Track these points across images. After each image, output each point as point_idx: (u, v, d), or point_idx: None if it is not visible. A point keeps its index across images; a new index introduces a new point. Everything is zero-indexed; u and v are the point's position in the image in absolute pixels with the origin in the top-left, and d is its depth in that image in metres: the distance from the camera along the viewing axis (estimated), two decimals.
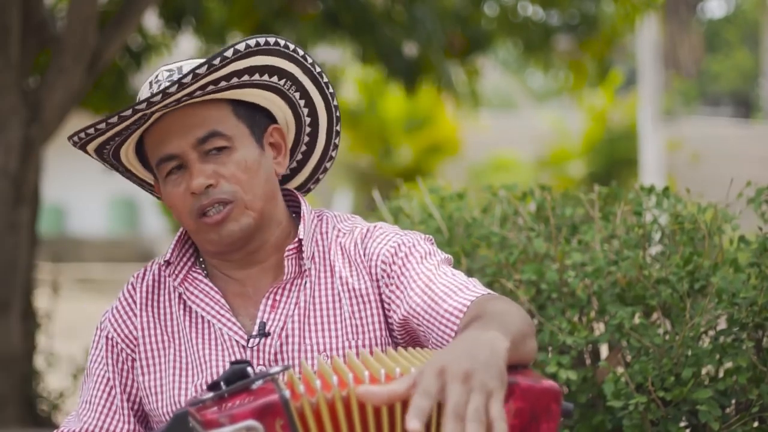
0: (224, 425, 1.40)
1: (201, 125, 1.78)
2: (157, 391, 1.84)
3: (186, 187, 1.79)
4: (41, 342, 5.25)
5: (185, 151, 1.78)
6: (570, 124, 19.76)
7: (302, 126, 1.94)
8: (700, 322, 2.25)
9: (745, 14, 34.79)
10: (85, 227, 18.87)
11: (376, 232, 1.85)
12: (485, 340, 1.42)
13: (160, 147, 1.80)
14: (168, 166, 1.80)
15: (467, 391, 1.34)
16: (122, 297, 1.92)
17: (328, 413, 1.42)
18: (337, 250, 1.85)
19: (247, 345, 1.80)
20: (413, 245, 1.82)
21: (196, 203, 1.78)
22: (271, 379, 1.49)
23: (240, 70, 1.78)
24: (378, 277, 1.81)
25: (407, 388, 1.36)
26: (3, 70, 4.71)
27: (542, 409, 1.42)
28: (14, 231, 4.81)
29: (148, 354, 1.86)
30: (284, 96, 1.88)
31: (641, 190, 2.52)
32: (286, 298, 1.82)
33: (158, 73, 1.83)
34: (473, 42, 7.44)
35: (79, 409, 1.90)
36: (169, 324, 1.86)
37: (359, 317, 1.81)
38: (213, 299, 1.84)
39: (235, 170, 1.78)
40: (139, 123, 1.78)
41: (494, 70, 24.79)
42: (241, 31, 7.31)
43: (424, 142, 17.84)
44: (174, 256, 1.88)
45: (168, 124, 1.79)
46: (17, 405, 4.87)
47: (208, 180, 1.76)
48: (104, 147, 1.85)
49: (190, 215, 1.79)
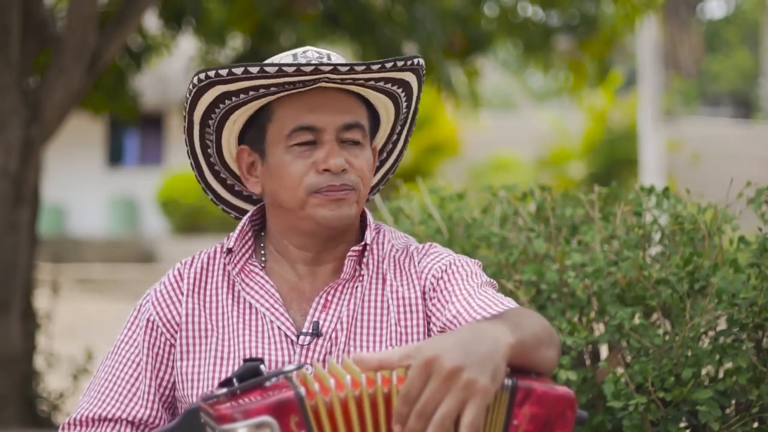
0: (238, 420, 1.39)
1: (351, 112, 1.83)
2: (193, 378, 1.83)
3: (315, 162, 1.80)
4: (41, 342, 5.25)
5: (329, 129, 1.81)
6: (570, 125, 19.78)
7: (391, 136, 2.01)
8: (700, 322, 2.25)
9: (745, 14, 34.81)
10: (85, 227, 18.87)
11: (431, 250, 1.91)
12: (488, 334, 1.42)
13: (305, 116, 1.81)
14: (301, 136, 1.81)
15: (445, 391, 1.35)
16: (168, 282, 1.91)
17: (341, 412, 1.42)
18: (391, 262, 1.89)
19: (296, 341, 1.81)
20: (462, 265, 1.86)
21: (323, 181, 1.80)
22: (285, 377, 1.49)
23: (392, 78, 1.86)
24: (426, 289, 1.85)
25: (400, 359, 1.39)
26: (3, 70, 4.72)
27: (557, 416, 1.43)
28: (14, 231, 4.82)
29: (189, 340, 1.85)
30: (397, 111, 1.95)
31: (641, 191, 2.52)
32: (338, 299, 1.85)
33: (306, 50, 1.86)
34: (473, 42, 7.45)
35: (98, 387, 1.87)
36: (215, 312, 1.86)
37: (404, 325, 1.83)
38: (268, 292, 1.85)
39: (363, 165, 1.84)
40: (297, 86, 1.80)
41: (494, 70, 24.82)
42: (241, 32, 7.31)
43: (424, 142, 17.86)
44: (236, 246, 1.89)
45: (321, 99, 1.81)
46: (17, 405, 4.87)
47: (344, 164, 1.81)
48: (225, 100, 1.83)
49: (308, 188, 1.80)
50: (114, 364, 1.89)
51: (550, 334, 1.59)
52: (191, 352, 1.84)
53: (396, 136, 2.00)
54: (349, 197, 1.81)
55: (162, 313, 1.88)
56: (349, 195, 1.81)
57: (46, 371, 5.28)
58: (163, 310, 1.88)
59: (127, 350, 1.89)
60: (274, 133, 1.83)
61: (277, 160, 1.83)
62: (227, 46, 7.35)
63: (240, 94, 1.81)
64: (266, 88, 1.79)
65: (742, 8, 35.37)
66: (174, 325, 1.87)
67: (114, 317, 9.23)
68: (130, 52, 6.61)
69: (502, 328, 1.45)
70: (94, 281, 14.41)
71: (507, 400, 1.43)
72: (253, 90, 1.80)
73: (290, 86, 1.79)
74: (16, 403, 4.86)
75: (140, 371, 1.86)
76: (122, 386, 1.86)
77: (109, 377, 1.88)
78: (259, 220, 1.95)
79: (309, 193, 1.80)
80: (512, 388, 1.43)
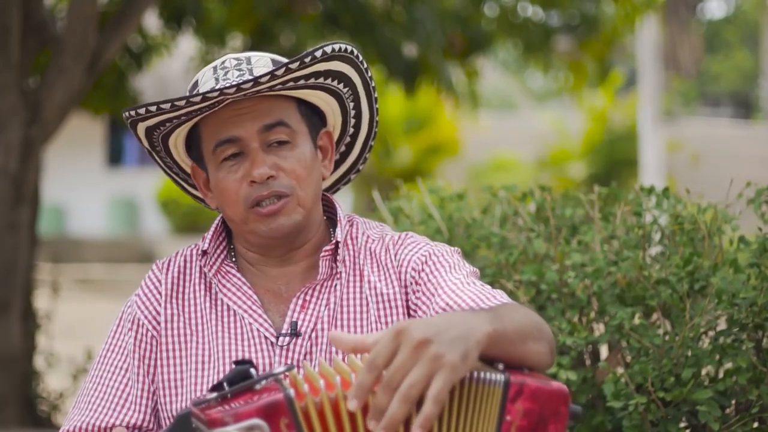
0: (229, 424, 1.39)
1: (269, 114, 1.80)
2: (176, 384, 1.82)
3: (244, 175, 1.79)
4: (41, 342, 5.25)
5: (249, 137, 1.78)
6: (570, 125, 19.77)
7: (344, 134, 1.97)
8: (699, 322, 2.25)
9: (745, 15, 34.81)
10: (85, 227, 18.87)
11: (408, 240, 1.88)
12: (464, 320, 1.42)
13: (223, 130, 1.79)
14: (226, 151, 1.79)
15: (413, 360, 1.35)
16: (147, 284, 1.89)
17: (331, 413, 1.42)
18: (367, 255, 1.86)
19: (276, 342, 1.80)
20: (443, 255, 1.84)
21: (253, 192, 1.78)
22: (274, 379, 1.49)
23: (316, 72, 1.81)
24: (407, 283, 1.83)
25: (374, 341, 1.39)
26: (3, 70, 4.72)
27: (551, 412, 1.43)
28: (14, 231, 4.82)
29: (168, 346, 1.84)
30: (341, 103, 1.91)
31: (641, 191, 2.52)
32: (317, 299, 1.83)
33: (225, 60, 1.84)
34: (473, 42, 7.44)
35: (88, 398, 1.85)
36: (193, 316, 1.85)
37: (385, 321, 1.82)
38: (245, 294, 1.84)
39: (295, 165, 1.80)
40: (203, 110, 1.79)
41: (494, 70, 24.81)
42: (241, 32, 7.31)
43: (423, 142, 17.85)
44: (211, 247, 1.88)
45: (234, 109, 1.79)
46: (17, 405, 4.87)
47: (270, 171, 1.78)
48: (156, 129, 1.84)
49: (244, 203, 1.79)
50: (101, 374, 1.86)
51: (539, 329, 1.57)
52: (171, 358, 1.84)
53: (354, 119, 1.95)
54: (284, 207, 1.78)
55: (147, 312, 1.87)
56: (282, 202, 1.78)
57: (46, 371, 5.27)
58: (147, 308, 1.87)
59: (113, 358, 1.87)
60: (206, 152, 1.84)
61: (214, 177, 1.83)
62: (227, 46, 7.34)
63: (164, 124, 1.81)
64: (178, 119, 1.80)
65: (742, 8, 35.37)
66: (157, 324, 1.86)
67: (114, 317, 9.20)
68: (130, 52, 6.61)
69: (481, 316, 1.45)
70: (94, 281, 14.41)
71: (500, 395, 1.42)
72: (168, 122, 1.81)
73: (206, 109, 1.78)
74: (16, 403, 4.86)
75: (129, 376, 1.85)
76: (112, 394, 1.84)
77: (97, 387, 1.85)
78: None
79: (247, 209, 1.79)
80: (505, 383, 1.42)
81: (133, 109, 1.78)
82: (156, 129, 1.83)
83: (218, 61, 1.86)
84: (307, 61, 1.76)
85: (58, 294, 5.58)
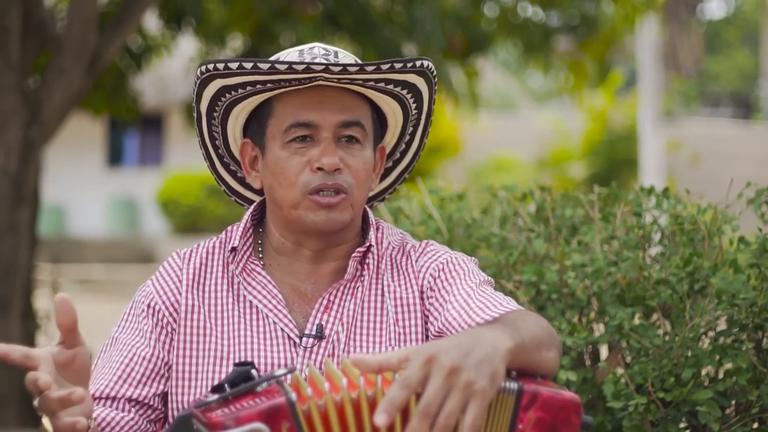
0: (230, 428, 1.38)
1: (350, 110, 1.81)
2: (191, 376, 1.81)
3: (310, 160, 1.79)
4: (41, 342, 5.25)
5: (326, 126, 1.79)
6: (570, 125, 19.77)
7: (398, 147, 1.99)
8: (699, 323, 2.25)
9: (745, 15, 34.83)
10: (85, 228, 18.87)
11: (428, 248, 1.90)
12: (486, 338, 1.42)
13: (302, 112, 1.80)
14: (297, 132, 1.80)
15: (447, 388, 1.35)
16: (166, 270, 1.87)
17: (336, 416, 1.41)
18: (388, 261, 1.88)
19: (299, 343, 1.80)
20: (459, 263, 1.86)
21: (316, 179, 1.78)
22: (276, 381, 1.48)
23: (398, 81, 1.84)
24: (424, 289, 1.84)
25: (399, 362, 1.38)
26: (3, 70, 4.72)
27: (562, 421, 1.43)
28: (14, 231, 4.82)
29: (186, 338, 1.83)
30: (406, 113, 1.93)
31: (641, 191, 2.52)
32: (340, 300, 1.84)
33: (313, 47, 1.85)
34: (473, 43, 7.45)
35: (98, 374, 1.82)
36: (214, 310, 1.84)
37: (402, 326, 1.83)
38: (270, 292, 1.84)
39: (359, 166, 1.81)
40: (293, 84, 1.79)
41: (494, 70, 24.82)
42: (241, 32, 7.31)
43: None
44: (240, 243, 1.87)
45: (319, 95, 1.80)
46: (17, 405, 4.87)
47: (339, 163, 1.79)
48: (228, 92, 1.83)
49: (302, 187, 1.79)
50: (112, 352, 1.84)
51: (549, 335, 1.59)
52: (188, 350, 1.82)
53: (408, 137, 1.97)
54: (340, 203, 1.79)
55: (165, 298, 1.84)
56: (340, 198, 1.79)
57: None
58: (167, 295, 1.85)
59: (126, 336, 1.84)
60: (273, 129, 1.83)
61: (275, 156, 1.82)
62: (227, 46, 7.35)
63: (238, 89, 1.81)
64: (262, 84, 1.79)
65: (742, 9, 35.39)
66: (174, 311, 1.84)
67: (114, 317, 9.21)
68: (130, 53, 6.61)
69: (501, 332, 1.45)
70: (94, 281, 14.41)
71: (512, 403, 1.42)
72: (250, 85, 1.80)
73: (286, 83, 1.79)
74: (16, 403, 4.87)
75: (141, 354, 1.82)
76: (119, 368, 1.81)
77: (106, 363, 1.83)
78: (257, 215, 1.94)
79: (303, 194, 1.79)
80: (518, 392, 1.42)
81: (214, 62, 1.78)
82: (228, 92, 1.82)
83: (305, 46, 1.86)
84: (398, 66, 1.80)
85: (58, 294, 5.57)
